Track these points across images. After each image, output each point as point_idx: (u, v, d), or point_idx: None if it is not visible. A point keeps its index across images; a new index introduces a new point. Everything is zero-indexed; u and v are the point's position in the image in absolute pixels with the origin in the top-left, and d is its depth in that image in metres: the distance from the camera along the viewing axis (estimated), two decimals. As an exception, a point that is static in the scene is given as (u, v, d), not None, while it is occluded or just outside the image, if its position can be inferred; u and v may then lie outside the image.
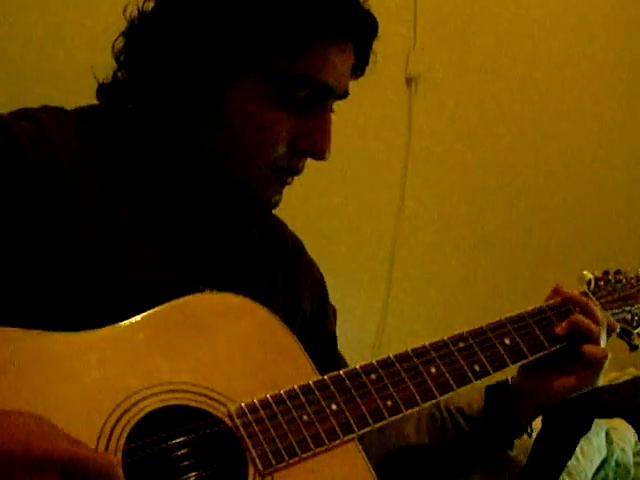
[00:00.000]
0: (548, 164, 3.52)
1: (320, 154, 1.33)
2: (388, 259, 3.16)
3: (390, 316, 3.14)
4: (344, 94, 1.35)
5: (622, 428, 2.58)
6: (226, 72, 1.26)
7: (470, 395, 1.50)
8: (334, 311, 1.62)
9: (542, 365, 1.46)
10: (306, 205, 2.85)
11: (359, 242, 3.09)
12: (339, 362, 1.57)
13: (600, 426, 2.52)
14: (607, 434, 2.51)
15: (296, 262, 1.53)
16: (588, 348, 1.43)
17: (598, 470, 2.45)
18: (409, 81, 3.15)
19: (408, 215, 3.17)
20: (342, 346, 1.64)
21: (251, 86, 1.27)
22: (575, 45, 3.57)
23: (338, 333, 1.63)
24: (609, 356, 1.44)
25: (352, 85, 1.42)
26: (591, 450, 2.43)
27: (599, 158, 3.68)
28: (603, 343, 1.45)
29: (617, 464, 2.49)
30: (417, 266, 3.22)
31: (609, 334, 1.49)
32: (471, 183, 3.33)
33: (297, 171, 1.35)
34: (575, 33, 3.57)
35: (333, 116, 1.35)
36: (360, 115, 3.02)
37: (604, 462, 2.46)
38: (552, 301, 1.52)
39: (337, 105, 1.37)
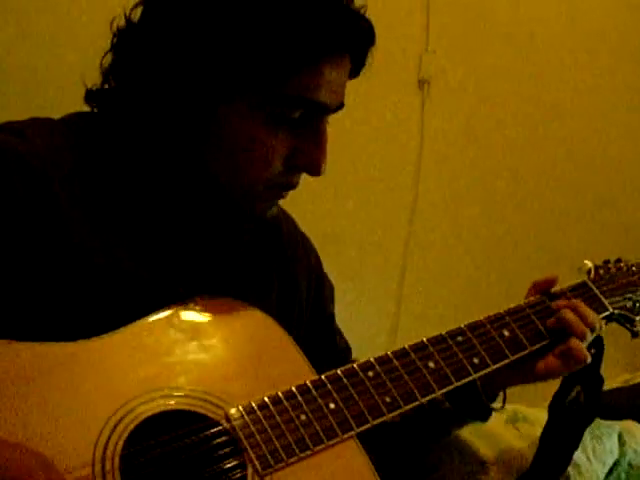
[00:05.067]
0: (560, 166, 3.51)
1: (316, 170, 1.31)
2: (401, 261, 3.15)
3: (403, 318, 3.14)
4: (340, 106, 1.33)
5: (634, 430, 2.56)
6: (217, 93, 1.24)
7: None
8: (331, 289, 1.61)
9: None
10: (319, 208, 2.85)
11: (372, 244, 3.08)
12: (337, 346, 1.57)
13: (612, 428, 2.51)
14: (619, 436, 2.49)
15: (291, 247, 1.53)
16: (575, 343, 1.44)
17: (610, 472, 2.43)
18: (421, 83, 3.14)
19: (420, 217, 3.16)
20: (355, 348, 1.64)
21: (244, 107, 1.25)
22: (587, 48, 3.55)
23: (351, 334, 1.63)
24: (588, 361, 1.45)
25: (365, 88, 1.41)
26: (603, 452, 2.41)
27: (611, 160, 3.66)
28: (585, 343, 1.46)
29: (629, 465, 2.47)
30: (430, 268, 3.22)
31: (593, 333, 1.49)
32: (483, 185, 3.32)
33: (292, 186, 1.34)
34: (587, 36, 3.55)
35: (330, 129, 1.33)
36: (372, 117, 3.02)
37: (616, 464, 2.45)
38: (551, 291, 1.52)
39: (349, 108, 1.36)
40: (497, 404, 1.55)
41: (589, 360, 1.45)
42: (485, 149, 3.31)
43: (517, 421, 2.34)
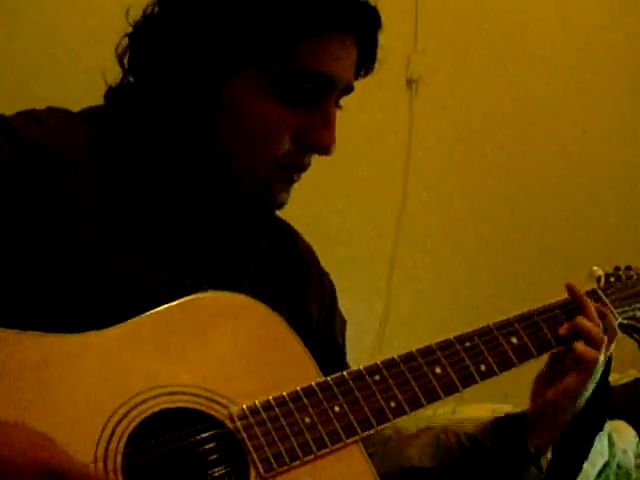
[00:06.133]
0: (549, 165, 3.52)
1: (325, 149, 1.30)
2: (389, 261, 3.16)
3: (391, 318, 3.14)
4: (348, 88, 1.33)
5: (624, 430, 2.57)
6: (223, 69, 1.25)
7: (484, 424, 1.48)
8: (343, 322, 1.58)
9: (552, 381, 1.44)
10: (307, 207, 2.84)
11: (360, 244, 3.08)
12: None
13: (602, 429, 2.51)
14: (609, 437, 2.50)
15: (306, 268, 1.51)
16: (579, 347, 1.41)
17: (600, 473, 2.44)
18: (410, 83, 3.15)
19: (409, 216, 3.17)
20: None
21: (251, 82, 1.25)
22: (577, 47, 3.57)
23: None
24: (600, 360, 1.42)
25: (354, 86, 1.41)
26: (593, 453, 2.42)
27: (601, 159, 3.68)
28: (604, 350, 1.43)
29: (618, 466, 2.48)
30: (418, 267, 3.22)
31: (611, 340, 1.47)
32: (472, 184, 3.33)
33: (303, 167, 1.33)
34: (578, 35, 3.57)
35: (338, 113, 1.33)
36: (361, 117, 3.02)
37: (606, 465, 2.46)
38: (561, 298, 1.50)
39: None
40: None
41: (602, 359, 1.42)
42: (474, 148, 3.32)
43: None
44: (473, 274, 3.34)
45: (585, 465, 2.35)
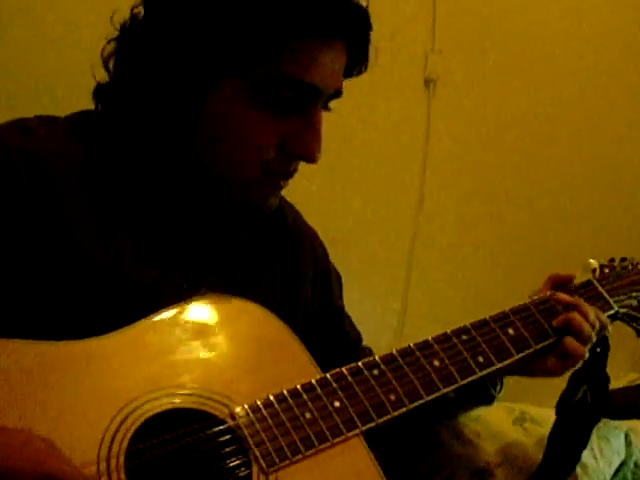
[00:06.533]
0: (566, 165, 3.50)
1: (310, 156, 1.30)
2: (406, 261, 3.15)
3: (408, 317, 3.13)
4: (336, 93, 1.32)
5: (641, 429, 2.56)
6: (206, 77, 1.25)
7: None
8: (339, 279, 1.60)
9: None
10: (325, 207, 2.84)
11: (377, 244, 3.08)
12: (348, 336, 1.57)
13: (619, 427, 2.50)
14: (626, 436, 2.49)
15: (296, 236, 1.53)
16: (568, 341, 1.46)
17: (616, 472, 2.43)
18: (427, 83, 3.14)
19: (426, 217, 3.16)
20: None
21: (234, 90, 1.25)
22: (593, 48, 3.55)
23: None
24: (586, 356, 1.46)
25: (370, 87, 1.41)
26: (610, 452, 2.41)
27: (617, 159, 3.65)
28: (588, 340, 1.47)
29: (636, 465, 2.46)
30: (435, 268, 3.21)
31: (600, 332, 1.50)
32: (489, 185, 3.32)
33: (289, 174, 1.33)
34: (594, 36, 3.55)
35: (329, 116, 1.32)
36: (378, 117, 3.01)
37: (623, 464, 2.45)
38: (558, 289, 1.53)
39: (355, 107, 1.36)
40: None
41: (587, 355, 1.46)
42: (491, 148, 3.31)
43: (524, 421, 2.34)
44: (490, 274, 3.33)
45: (601, 463, 2.36)
